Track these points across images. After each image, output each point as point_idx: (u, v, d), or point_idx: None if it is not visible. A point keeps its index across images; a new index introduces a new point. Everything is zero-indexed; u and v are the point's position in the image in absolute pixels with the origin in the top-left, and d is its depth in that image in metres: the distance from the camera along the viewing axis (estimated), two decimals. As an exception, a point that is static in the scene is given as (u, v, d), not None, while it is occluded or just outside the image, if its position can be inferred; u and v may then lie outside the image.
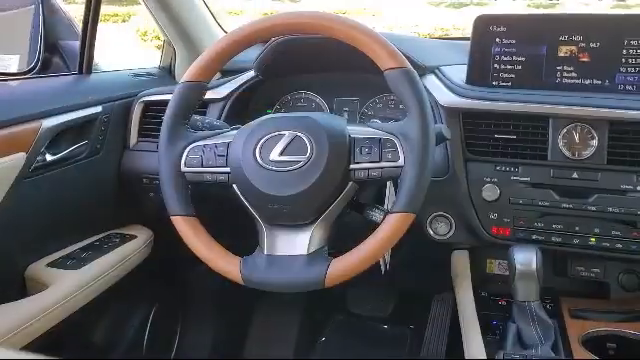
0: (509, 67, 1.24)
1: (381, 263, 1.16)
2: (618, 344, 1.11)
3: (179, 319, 1.78)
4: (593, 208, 1.14)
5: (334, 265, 0.92)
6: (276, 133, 0.96)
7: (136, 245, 1.45)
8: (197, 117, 1.15)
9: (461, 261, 1.28)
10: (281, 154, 0.94)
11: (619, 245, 1.14)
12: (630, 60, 1.17)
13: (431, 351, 1.43)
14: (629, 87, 1.17)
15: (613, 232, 1.14)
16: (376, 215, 1.00)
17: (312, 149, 0.94)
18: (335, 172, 0.94)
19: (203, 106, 1.38)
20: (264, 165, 0.94)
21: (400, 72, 0.94)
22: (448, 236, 1.25)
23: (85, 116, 1.33)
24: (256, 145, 0.96)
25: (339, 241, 0.99)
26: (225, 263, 0.96)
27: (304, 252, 0.95)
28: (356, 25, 0.96)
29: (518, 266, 1.05)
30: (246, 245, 1.00)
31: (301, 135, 0.95)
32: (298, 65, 1.41)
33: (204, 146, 1.01)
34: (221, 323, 1.80)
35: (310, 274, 0.92)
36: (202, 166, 1.00)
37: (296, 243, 0.96)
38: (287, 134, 0.96)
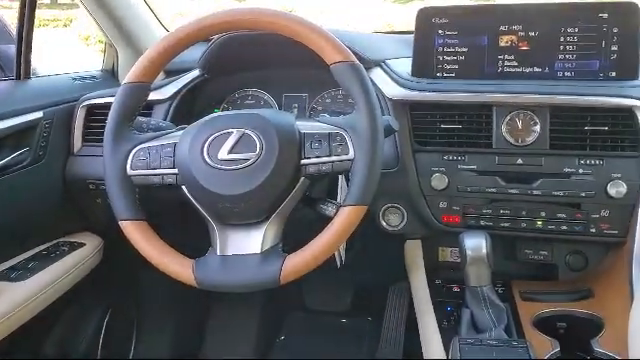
0: (452, 58, 1.26)
1: (336, 257, 1.16)
2: (568, 323, 1.15)
3: (134, 323, 1.74)
4: (538, 192, 1.17)
5: (288, 262, 0.91)
6: (224, 131, 0.95)
7: (85, 253, 1.41)
8: (142, 119, 1.12)
9: (414, 251, 1.30)
10: (230, 152, 0.93)
11: (564, 227, 1.18)
12: (568, 47, 1.21)
13: (389, 341, 1.44)
14: (567, 73, 1.21)
15: (558, 215, 1.18)
16: (329, 209, 1.01)
17: (261, 146, 0.93)
18: (286, 168, 0.93)
19: (148, 107, 1.35)
20: (213, 164, 0.93)
21: (346, 66, 0.94)
22: (401, 227, 1.26)
23: (25, 122, 1.29)
24: (203, 144, 0.95)
25: (294, 237, 0.98)
26: (177, 266, 0.95)
27: (258, 251, 0.94)
28: (300, 20, 0.96)
29: (468, 252, 1.07)
30: (199, 247, 0.99)
31: (249, 132, 0.94)
32: (244, 62, 1.40)
33: (150, 148, 0.99)
34: (178, 325, 1.77)
35: (265, 272, 0.92)
36: (149, 168, 0.98)
37: (249, 242, 0.95)
38: (235, 132, 0.95)
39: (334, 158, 0.94)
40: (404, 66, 1.29)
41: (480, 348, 0.95)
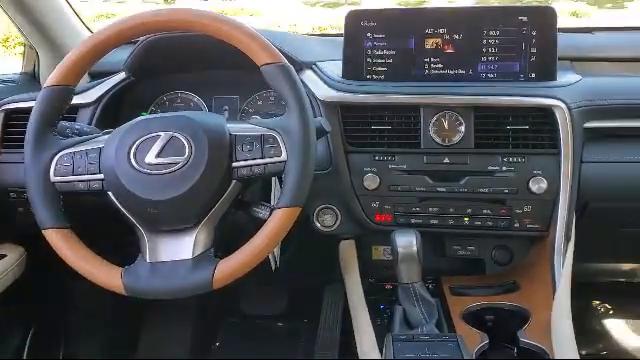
0: (381, 61, 1.28)
1: (271, 260, 1.16)
2: (495, 315, 1.20)
3: (61, 339, 1.67)
4: (465, 190, 1.21)
5: (221, 266, 0.90)
6: (151, 135, 0.93)
7: (6, 264, 1.34)
8: (65, 123, 1.08)
9: (348, 250, 1.32)
10: (158, 156, 0.91)
11: (490, 223, 1.22)
12: (490, 50, 1.25)
13: (325, 342, 1.45)
14: (490, 75, 1.26)
15: (484, 211, 1.22)
16: (262, 212, 1.00)
17: (191, 149, 0.92)
18: (217, 171, 0.92)
19: (72, 112, 1.30)
20: (140, 169, 0.91)
21: (276, 67, 0.94)
22: (335, 227, 1.27)
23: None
24: (130, 148, 0.92)
25: (227, 242, 0.97)
26: (106, 275, 0.92)
27: (189, 256, 0.93)
28: (229, 21, 0.95)
29: (400, 250, 1.09)
30: (128, 254, 0.96)
31: (178, 135, 0.92)
32: (172, 64, 1.38)
33: (74, 153, 0.96)
34: (108, 337, 1.71)
35: (196, 278, 0.90)
36: (73, 174, 0.94)
37: (180, 247, 0.93)
38: (163, 135, 0.93)
39: (266, 160, 0.94)
40: (335, 68, 1.30)
41: (412, 344, 0.97)
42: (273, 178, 1.13)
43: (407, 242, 1.10)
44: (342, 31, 1.30)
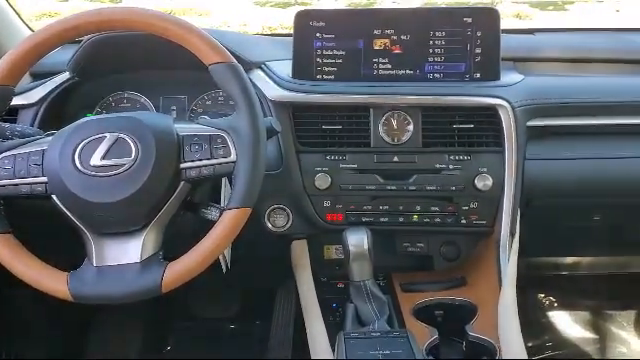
0: (331, 61, 1.29)
1: (221, 261, 1.15)
2: (444, 310, 1.22)
3: (2, 349, 1.61)
4: (413, 188, 1.23)
5: (170, 269, 0.89)
6: (96, 136, 0.91)
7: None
8: (5, 125, 1.04)
9: (300, 250, 1.32)
10: (103, 158, 0.89)
11: (438, 219, 1.25)
12: (436, 50, 1.27)
13: (278, 342, 1.45)
14: (437, 75, 1.28)
15: (432, 208, 1.24)
16: (212, 213, 0.99)
17: (137, 150, 0.90)
18: (164, 173, 0.91)
19: (12, 113, 1.25)
20: (85, 171, 0.89)
21: (224, 66, 0.94)
22: (286, 227, 1.27)
23: None
24: (74, 150, 0.90)
25: (177, 244, 0.96)
26: (50, 281, 0.89)
27: (137, 259, 0.91)
28: (175, 20, 0.94)
29: (351, 248, 1.10)
30: (73, 259, 0.94)
31: (124, 136, 0.91)
32: (118, 64, 1.34)
33: (16, 156, 0.93)
34: (54, 344, 1.66)
35: (145, 281, 0.89)
36: (15, 177, 0.91)
37: (128, 251, 0.92)
38: (109, 136, 0.91)
39: (215, 161, 0.93)
40: (285, 68, 1.30)
41: (364, 341, 0.98)
42: (223, 179, 1.12)
43: (358, 240, 1.11)
44: (292, 31, 1.30)
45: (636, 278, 1.75)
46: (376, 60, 1.28)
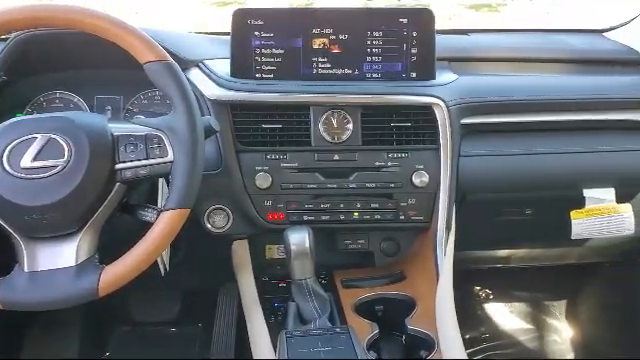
0: (270, 60, 1.28)
1: (160, 264, 1.13)
2: (385, 305, 1.24)
3: None
4: (354, 185, 1.24)
5: (107, 273, 0.87)
6: (27, 137, 0.88)
7: None
8: None
9: (241, 251, 1.31)
10: (34, 160, 0.86)
11: (378, 216, 1.26)
12: (374, 50, 1.29)
13: (220, 345, 1.44)
14: (375, 75, 1.30)
15: (372, 205, 1.26)
16: (149, 215, 0.97)
17: (70, 151, 0.88)
18: (99, 174, 0.89)
19: None
20: (14, 173, 0.86)
21: (160, 65, 0.92)
22: (227, 228, 1.26)
23: None
24: (3, 152, 0.87)
25: (115, 247, 0.94)
26: None
27: (72, 263, 0.89)
28: (108, 18, 0.92)
29: (292, 247, 1.10)
30: (3, 265, 0.90)
31: (56, 137, 0.88)
32: (49, 62, 1.29)
33: None
34: None
35: (80, 286, 0.87)
36: None
37: (62, 255, 0.89)
38: (39, 137, 0.88)
39: (152, 161, 0.92)
40: (223, 67, 1.29)
41: (306, 339, 0.98)
42: (160, 180, 1.10)
43: (300, 239, 1.11)
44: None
45: (567, 269, 1.83)
46: (315, 59, 1.29)
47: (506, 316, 2.08)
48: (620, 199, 1.34)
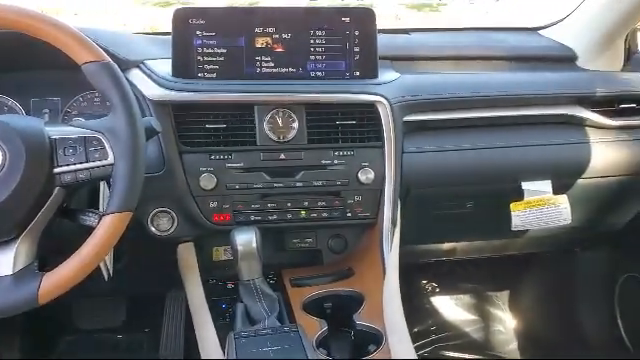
0: (212, 59, 1.27)
1: (102, 269, 1.10)
2: (333, 302, 1.25)
3: None
4: (300, 184, 1.25)
5: (47, 280, 0.85)
6: None
7: None
8: None
9: (187, 254, 1.29)
10: None
11: (325, 214, 1.27)
12: (317, 49, 1.30)
13: (169, 350, 1.42)
14: (319, 73, 1.30)
15: (319, 203, 1.27)
16: (90, 219, 0.95)
17: (5, 156, 0.85)
18: (36, 179, 0.86)
19: None
20: None
21: (98, 66, 0.90)
22: (172, 230, 1.24)
23: None
24: None
25: (55, 253, 0.91)
26: None
27: (9, 272, 0.86)
28: (43, 18, 0.89)
29: (239, 248, 1.10)
30: None
31: None
32: (-18, 64, 1.24)
33: None
34: None
35: (19, 294, 0.84)
36: None
37: None
38: None
39: (92, 164, 0.90)
40: (165, 67, 1.27)
41: (254, 339, 0.98)
42: (101, 183, 1.07)
43: (247, 240, 1.11)
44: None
45: (509, 260, 1.89)
46: (258, 58, 1.28)
47: (452, 308, 2.13)
48: (556, 191, 1.39)
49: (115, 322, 1.77)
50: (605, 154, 1.41)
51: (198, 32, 1.26)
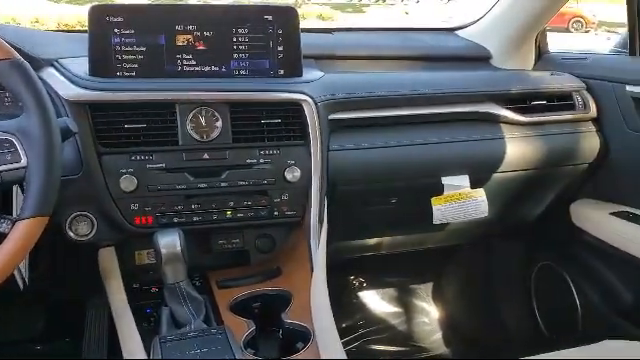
0: (131, 57, 1.24)
1: (17, 278, 1.05)
2: (261, 302, 1.25)
3: None
4: (225, 184, 1.23)
5: None
6: None
7: None
8: None
9: (108, 258, 1.25)
10: None
11: (251, 214, 1.27)
12: (240, 47, 1.29)
13: (91, 358, 1.36)
14: (242, 72, 1.30)
15: (245, 203, 1.26)
16: (3, 226, 0.89)
17: None
18: None
19: None
20: None
21: (8, 64, 0.86)
22: (91, 235, 1.19)
23: None
24: None
25: None
26: None
27: None
28: None
29: (163, 251, 1.07)
30: None
31: None
32: None
33: None
34: None
35: None
36: None
37: None
38: None
39: (3, 167, 0.86)
40: (81, 65, 1.22)
41: (180, 343, 0.96)
42: (14, 187, 1.02)
43: (170, 242, 1.08)
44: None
45: (431, 253, 1.95)
46: (180, 56, 1.26)
47: (379, 302, 2.17)
48: (474, 185, 1.45)
49: (33, 332, 1.69)
50: (518, 149, 1.48)
51: (116, 30, 1.22)
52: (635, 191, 1.54)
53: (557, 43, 1.82)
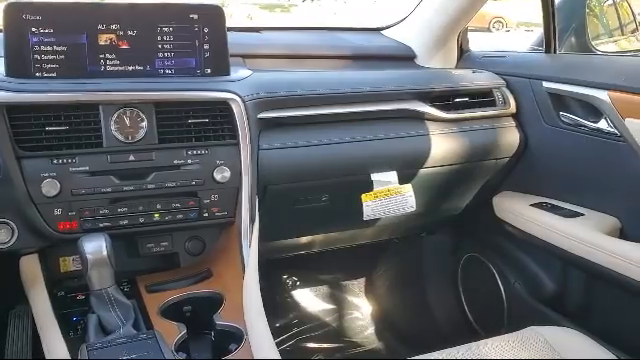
0: (51, 57, 1.19)
1: None
2: (192, 305, 1.23)
3: None
4: (152, 186, 1.21)
5: None
6: None
7: None
8: None
9: (31, 267, 1.19)
10: None
11: (180, 216, 1.24)
12: (165, 46, 1.27)
13: None
14: (168, 71, 1.28)
15: (173, 205, 1.24)
16: None
17: None
18: None
19: None
20: None
21: None
22: (12, 242, 1.14)
23: None
24: None
25: None
26: None
27: None
28: None
29: (89, 256, 1.04)
30: None
31: None
32: None
33: None
34: None
35: None
36: None
37: None
38: None
39: None
40: None
41: (109, 349, 0.94)
42: None
43: (96, 247, 1.05)
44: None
45: (363, 248, 1.97)
46: (102, 56, 1.23)
47: (312, 300, 2.18)
48: (402, 180, 1.49)
49: None
50: (442, 145, 1.53)
51: (34, 29, 1.17)
52: (553, 183, 1.62)
53: (478, 42, 1.89)
